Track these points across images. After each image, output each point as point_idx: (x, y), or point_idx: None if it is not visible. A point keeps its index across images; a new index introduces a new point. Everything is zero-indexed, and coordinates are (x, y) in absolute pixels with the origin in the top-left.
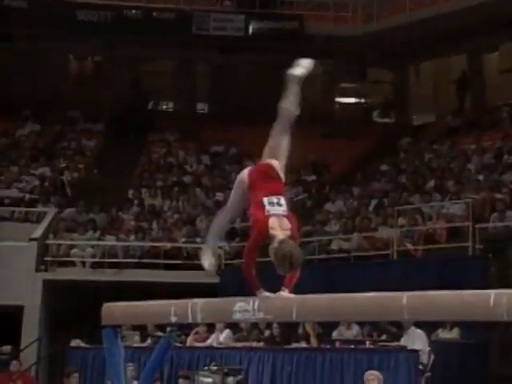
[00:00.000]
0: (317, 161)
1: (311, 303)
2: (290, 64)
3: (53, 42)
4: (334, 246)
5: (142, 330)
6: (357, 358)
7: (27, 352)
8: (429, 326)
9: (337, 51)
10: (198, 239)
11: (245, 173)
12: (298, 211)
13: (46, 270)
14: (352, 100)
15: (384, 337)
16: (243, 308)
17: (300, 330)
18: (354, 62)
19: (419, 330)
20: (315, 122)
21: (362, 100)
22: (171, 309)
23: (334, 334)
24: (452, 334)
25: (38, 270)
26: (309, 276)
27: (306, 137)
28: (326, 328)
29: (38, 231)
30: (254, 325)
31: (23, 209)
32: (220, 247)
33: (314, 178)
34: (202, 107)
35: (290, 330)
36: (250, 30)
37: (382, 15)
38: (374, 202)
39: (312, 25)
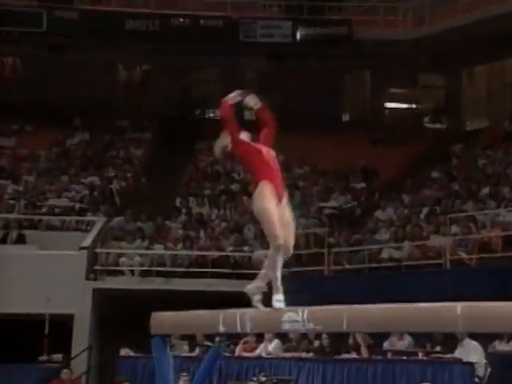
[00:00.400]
0: (366, 167)
1: (362, 313)
2: (338, 69)
3: (102, 51)
4: (384, 255)
5: (190, 339)
6: (409, 369)
7: (78, 360)
8: (485, 338)
9: (386, 56)
10: (246, 248)
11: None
12: (347, 219)
13: (95, 279)
14: (402, 105)
15: (438, 348)
16: (292, 318)
17: (350, 341)
18: (404, 66)
19: (474, 342)
20: (364, 128)
21: (413, 105)
22: (220, 318)
23: (386, 345)
24: (510, 347)
25: (87, 278)
26: (358, 285)
27: (355, 143)
28: (377, 338)
29: (88, 240)
30: (304, 335)
31: (73, 218)
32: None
33: (363, 185)
34: (249, 115)
35: (340, 340)
36: (298, 37)
37: (433, 18)
38: (425, 210)
39: (361, 30)
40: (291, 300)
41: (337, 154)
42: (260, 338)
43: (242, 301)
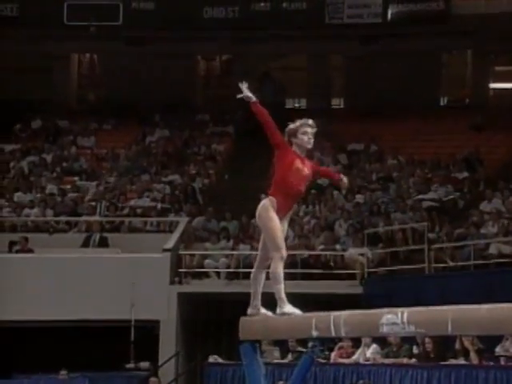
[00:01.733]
0: (469, 155)
1: (469, 315)
2: (435, 50)
3: (181, 43)
4: (492, 251)
5: (282, 344)
6: None
7: (165, 368)
8: None
9: (490, 31)
10: (338, 246)
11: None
12: (449, 212)
13: (180, 283)
14: (509, 85)
15: None
16: (391, 321)
17: (457, 345)
18: (510, 42)
19: None
20: (466, 112)
21: None
22: (312, 322)
23: (498, 350)
24: None
25: (172, 282)
26: (464, 284)
27: (457, 129)
28: (488, 342)
29: (171, 241)
30: (404, 339)
31: (155, 218)
32: (362, 254)
33: (465, 174)
34: (337, 102)
35: (445, 344)
36: (389, 16)
37: None
38: None
39: (460, 4)
40: (389, 301)
41: (435, 141)
42: (356, 342)
43: (334, 303)
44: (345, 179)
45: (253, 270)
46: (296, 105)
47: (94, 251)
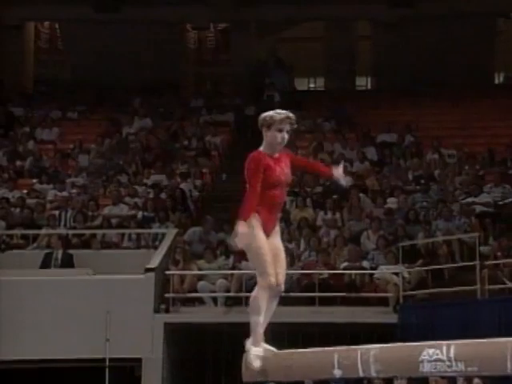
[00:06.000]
0: None
1: None
2: (487, 15)
3: (165, 7)
4: None
5: None
6: None
7: None
8: None
9: None
10: (365, 263)
11: None
12: (507, 219)
13: (167, 311)
14: None
15: None
16: (434, 356)
17: None
18: None
19: None
20: None
21: None
22: (334, 359)
23: None
24: None
25: (157, 310)
26: None
27: None
28: None
29: (156, 259)
30: (451, 380)
31: (135, 230)
32: (396, 273)
33: None
34: (362, 82)
35: None
36: None
37: None
38: None
39: None
40: (431, 332)
41: (489, 129)
42: None
43: (362, 334)
44: (340, 170)
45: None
46: (311, 85)
47: (57, 272)
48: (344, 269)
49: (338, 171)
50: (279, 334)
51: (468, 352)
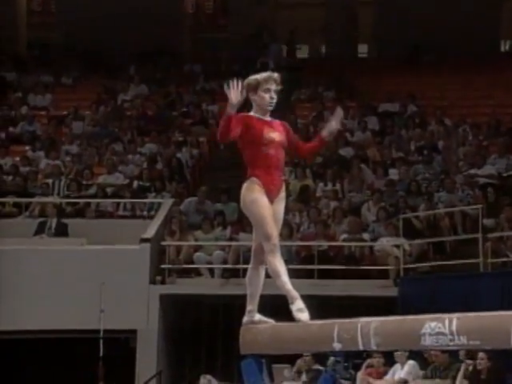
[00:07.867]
0: None
1: None
2: None
3: None
4: None
5: (294, 361)
6: None
7: None
8: None
9: None
10: (366, 235)
11: None
12: (511, 192)
13: (163, 282)
14: None
15: None
16: (435, 330)
17: None
18: None
19: None
20: None
21: None
22: (334, 332)
23: None
24: None
25: (152, 281)
26: None
27: None
28: None
29: (151, 230)
30: (453, 354)
31: (130, 200)
32: (397, 246)
33: None
34: (364, 49)
35: (505, 360)
36: None
37: None
38: None
39: None
40: (432, 305)
41: (493, 98)
42: (390, 358)
43: (362, 307)
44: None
45: (248, 267)
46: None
47: (50, 241)
48: (344, 241)
49: (329, 126)
50: (277, 307)
51: (470, 325)
